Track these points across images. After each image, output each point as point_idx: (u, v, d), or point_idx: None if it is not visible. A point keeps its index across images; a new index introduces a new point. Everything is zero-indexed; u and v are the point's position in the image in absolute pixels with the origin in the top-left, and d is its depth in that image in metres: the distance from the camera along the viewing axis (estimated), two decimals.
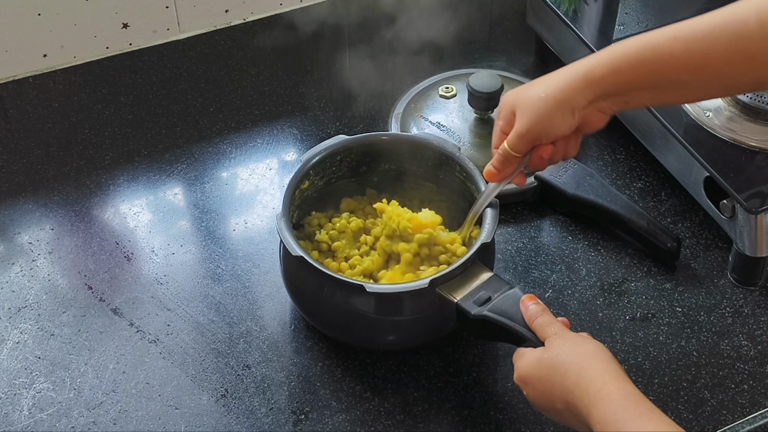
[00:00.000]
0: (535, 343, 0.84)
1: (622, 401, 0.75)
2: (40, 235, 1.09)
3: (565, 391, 0.78)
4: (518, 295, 0.87)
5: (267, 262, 1.05)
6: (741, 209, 0.99)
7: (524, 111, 0.89)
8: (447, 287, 0.90)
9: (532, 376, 0.82)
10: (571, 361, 0.79)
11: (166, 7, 1.29)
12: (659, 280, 1.04)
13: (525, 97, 0.89)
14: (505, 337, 0.87)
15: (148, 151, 1.18)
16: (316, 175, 1.00)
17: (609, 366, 0.78)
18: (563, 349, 0.81)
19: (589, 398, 0.76)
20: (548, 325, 0.84)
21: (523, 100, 0.89)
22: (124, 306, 1.02)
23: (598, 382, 0.76)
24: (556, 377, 0.79)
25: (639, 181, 1.14)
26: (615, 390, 0.76)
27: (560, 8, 1.20)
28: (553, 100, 0.87)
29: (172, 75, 1.28)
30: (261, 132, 1.21)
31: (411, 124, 1.16)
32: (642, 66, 0.84)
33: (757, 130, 1.06)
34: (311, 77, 1.28)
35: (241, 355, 0.97)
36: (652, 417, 0.73)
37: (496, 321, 0.87)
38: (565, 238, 1.09)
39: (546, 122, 0.88)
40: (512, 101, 0.90)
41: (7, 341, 0.99)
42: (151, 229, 1.10)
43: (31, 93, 1.25)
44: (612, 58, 0.85)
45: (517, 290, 0.88)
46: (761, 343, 0.99)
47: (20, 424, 0.92)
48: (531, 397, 0.83)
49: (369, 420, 0.92)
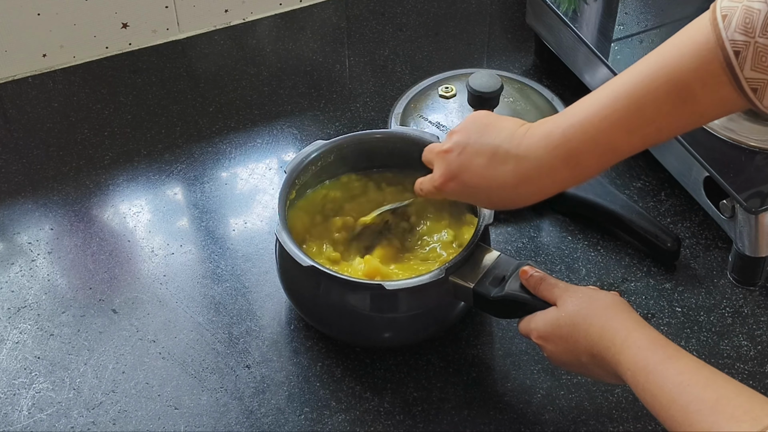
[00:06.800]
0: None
1: (649, 345, 0.77)
2: (39, 235, 1.09)
3: (590, 344, 0.81)
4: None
5: (266, 262, 1.05)
6: (741, 209, 0.99)
7: (461, 188, 0.88)
8: (459, 274, 0.91)
9: (553, 334, 0.84)
10: (593, 314, 0.82)
11: (165, 7, 1.29)
12: (659, 280, 1.04)
13: (469, 173, 0.87)
14: (525, 311, 0.88)
15: (147, 150, 1.18)
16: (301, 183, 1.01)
17: (630, 315, 0.81)
18: (581, 305, 0.83)
19: (616, 347, 0.78)
20: (554, 286, 0.86)
21: (466, 176, 0.87)
22: (123, 306, 1.02)
23: (623, 332, 0.79)
24: (579, 332, 0.82)
25: (638, 181, 1.14)
26: (640, 337, 0.78)
27: (560, 8, 1.20)
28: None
29: (172, 75, 1.28)
30: (261, 132, 1.21)
31: (411, 124, 1.16)
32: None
33: (757, 130, 1.05)
34: (311, 77, 1.28)
35: (241, 355, 0.97)
36: (680, 358, 0.75)
37: (517, 299, 0.88)
38: (564, 238, 1.09)
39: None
40: (456, 168, 0.87)
41: (7, 341, 0.99)
42: (151, 229, 1.10)
43: (30, 93, 1.25)
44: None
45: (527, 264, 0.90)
46: (761, 343, 0.99)
47: (20, 424, 0.92)
48: (554, 354, 0.85)
49: (368, 420, 0.92)
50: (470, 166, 0.85)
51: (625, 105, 0.77)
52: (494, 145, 0.84)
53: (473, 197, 0.90)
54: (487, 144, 0.84)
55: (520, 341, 0.98)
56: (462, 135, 0.87)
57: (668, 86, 0.76)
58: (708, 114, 0.78)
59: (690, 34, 0.76)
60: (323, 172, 1.03)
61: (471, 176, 0.85)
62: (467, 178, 0.86)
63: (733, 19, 0.73)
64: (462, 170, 0.86)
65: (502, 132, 0.84)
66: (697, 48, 0.75)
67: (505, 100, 1.15)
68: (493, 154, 0.84)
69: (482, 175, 0.84)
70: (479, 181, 0.85)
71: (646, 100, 0.77)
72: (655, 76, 0.76)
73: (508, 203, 0.87)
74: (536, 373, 0.96)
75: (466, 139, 0.86)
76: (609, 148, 0.80)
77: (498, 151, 0.83)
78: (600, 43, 1.16)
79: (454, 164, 0.86)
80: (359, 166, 1.04)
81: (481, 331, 1.00)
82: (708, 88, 0.75)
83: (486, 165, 0.84)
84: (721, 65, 0.73)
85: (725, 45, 0.73)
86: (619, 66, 1.12)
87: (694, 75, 0.75)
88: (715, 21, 0.74)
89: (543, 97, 1.20)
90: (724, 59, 0.73)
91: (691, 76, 0.75)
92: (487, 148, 0.84)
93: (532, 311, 0.87)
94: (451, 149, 0.87)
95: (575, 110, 0.81)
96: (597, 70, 1.15)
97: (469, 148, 0.85)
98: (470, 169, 0.85)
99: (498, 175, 0.83)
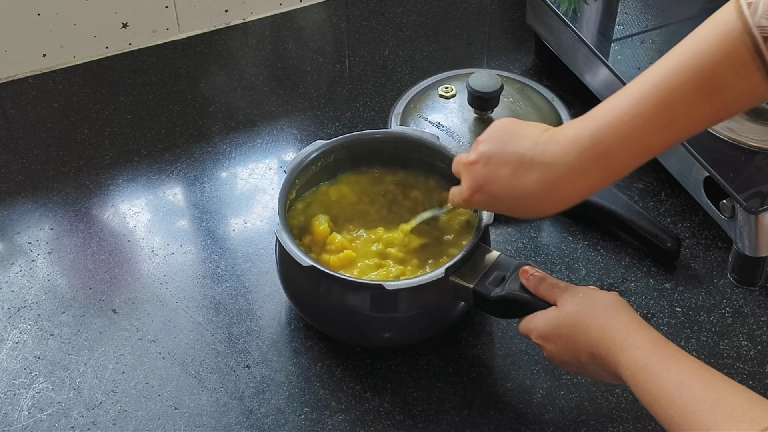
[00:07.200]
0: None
1: (649, 346, 0.77)
2: (39, 235, 1.09)
3: (590, 344, 0.81)
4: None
5: (266, 262, 1.05)
6: (741, 209, 0.99)
7: (488, 199, 0.88)
8: (459, 274, 0.91)
9: (553, 334, 0.84)
10: (593, 314, 0.82)
11: (165, 7, 1.29)
12: (659, 280, 1.04)
13: (496, 179, 0.86)
14: (526, 312, 0.88)
15: (147, 151, 1.18)
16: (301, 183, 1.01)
17: (630, 315, 0.81)
18: (581, 305, 0.83)
19: (616, 347, 0.78)
20: (554, 286, 0.86)
21: (493, 183, 0.87)
22: (123, 306, 1.02)
23: (623, 332, 0.79)
24: (579, 332, 0.82)
25: (639, 181, 1.14)
26: (640, 337, 0.78)
27: (560, 8, 1.20)
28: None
29: (172, 75, 1.28)
30: (261, 132, 1.21)
31: (411, 124, 1.16)
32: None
33: (757, 130, 1.05)
34: (311, 77, 1.28)
35: (241, 355, 0.97)
36: (680, 358, 0.75)
37: (517, 299, 0.88)
38: (564, 238, 1.09)
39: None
40: (482, 179, 0.86)
41: (7, 341, 0.98)
42: (151, 229, 1.10)
43: (30, 93, 1.25)
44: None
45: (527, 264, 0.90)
46: (761, 343, 0.99)
47: (20, 424, 0.92)
48: (553, 354, 0.85)
49: (368, 420, 0.92)
50: (495, 177, 0.85)
51: (655, 101, 0.77)
52: (519, 154, 0.83)
53: (501, 208, 0.89)
54: (511, 153, 0.83)
55: (520, 341, 0.98)
56: (487, 145, 0.86)
57: (697, 78, 0.75)
58: (738, 104, 0.77)
59: (714, 24, 0.75)
60: (323, 172, 1.03)
61: (497, 187, 0.85)
62: (493, 189, 0.85)
63: (759, 6, 0.73)
64: (488, 181, 0.85)
65: (526, 140, 0.83)
66: (724, 37, 0.74)
67: (505, 100, 1.15)
68: (518, 163, 0.83)
69: (508, 185, 0.84)
70: (505, 192, 0.84)
71: (677, 95, 0.76)
72: (683, 69, 0.76)
73: (538, 212, 0.86)
74: (536, 373, 0.96)
75: (491, 149, 0.85)
76: (642, 145, 0.79)
77: (523, 160, 0.83)
78: (600, 43, 1.16)
79: (480, 176, 0.86)
80: (359, 166, 1.04)
81: (481, 331, 1.00)
82: (738, 76, 0.74)
83: (511, 175, 0.83)
84: (749, 52, 0.73)
85: (753, 31, 0.73)
86: (619, 66, 1.12)
87: (722, 64, 0.74)
88: (740, 9, 0.73)
89: (543, 97, 1.20)
90: (753, 45, 0.73)
91: (719, 65, 0.74)
92: (512, 157, 0.83)
93: (532, 311, 0.87)
94: (477, 161, 0.86)
95: (602, 111, 0.80)
96: (597, 70, 1.15)
97: (494, 158, 0.85)
98: (496, 180, 0.85)
99: (524, 185, 0.83)
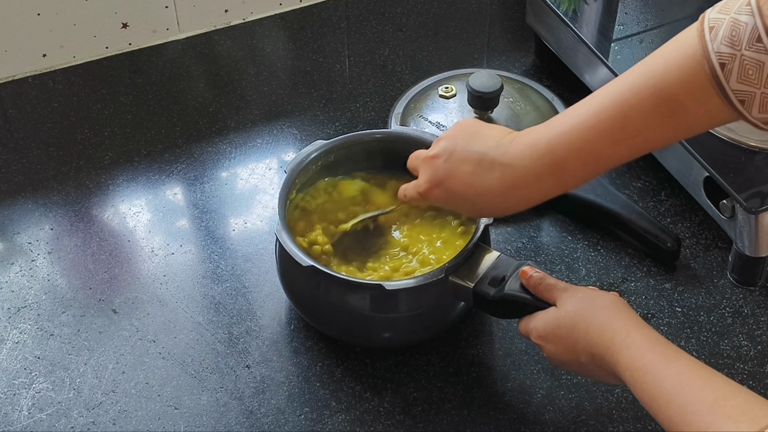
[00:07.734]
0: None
1: (648, 346, 0.77)
2: (39, 235, 1.09)
3: (589, 344, 0.81)
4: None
5: (266, 262, 1.05)
6: (741, 209, 0.99)
7: (446, 195, 0.88)
8: (459, 274, 0.91)
9: (553, 334, 0.84)
10: (592, 315, 0.82)
11: (165, 6, 1.29)
12: (659, 280, 1.04)
13: (454, 181, 0.87)
14: (525, 312, 0.89)
15: (147, 150, 1.18)
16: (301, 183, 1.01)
17: (630, 315, 0.81)
18: (581, 305, 0.83)
19: (615, 347, 0.78)
20: (554, 286, 0.86)
21: (451, 183, 0.87)
22: (123, 306, 1.02)
23: (622, 332, 0.79)
24: (578, 333, 0.82)
25: (638, 181, 1.14)
26: (639, 337, 0.78)
27: (560, 8, 1.20)
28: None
29: (172, 75, 1.28)
30: (261, 132, 1.21)
31: (411, 124, 1.16)
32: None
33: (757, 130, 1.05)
34: (311, 77, 1.28)
35: (241, 355, 0.97)
36: (679, 358, 0.75)
37: (517, 299, 0.88)
38: (564, 238, 1.09)
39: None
40: (443, 174, 0.87)
41: (7, 341, 0.99)
42: (151, 229, 1.10)
43: (30, 93, 1.25)
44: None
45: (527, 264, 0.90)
46: (761, 343, 0.99)
47: (19, 424, 0.92)
48: (553, 354, 0.85)
49: (368, 420, 0.92)
50: (456, 173, 0.85)
51: (611, 116, 0.77)
52: (481, 153, 0.84)
53: (458, 204, 0.89)
54: (473, 151, 0.84)
55: (520, 341, 0.98)
56: (449, 141, 0.87)
57: (655, 98, 0.75)
58: (697, 125, 0.77)
59: (677, 45, 0.75)
60: (323, 172, 1.03)
61: (457, 183, 0.86)
62: (453, 184, 0.86)
63: (720, 31, 0.72)
64: (448, 177, 0.86)
65: (489, 140, 0.84)
66: (683, 59, 0.74)
67: (505, 100, 1.15)
68: (479, 162, 0.84)
69: (468, 182, 0.85)
70: (465, 188, 0.85)
71: (632, 112, 0.76)
72: (641, 87, 0.76)
73: (493, 211, 0.88)
74: (536, 373, 0.96)
75: (453, 145, 0.86)
76: (594, 158, 0.79)
77: (485, 159, 0.83)
78: (600, 43, 1.16)
79: (441, 170, 0.87)
80: (359, 166, 1.04)
81: (481, 331, 1.00)
82: (696, 99, 0.74)
83: (472, 172, 0.84)
84: (707, 77, 0.73)
85: (711, 57, 0.72)
86: (619, 66, 1.12)
87: (680, 87, 0.74)
88: (702, 32, 0.73)
89: (543, 97, 1.20)
90: (710, 71, 0.73)
91: (677, 87, 0.75)
92: (473, 156, 0.84)
93: (532, 311, 0.87)
94: (437, 155, 0.87)
95: (562, 120, 0.81)
96: (597, 70, 1.15)
97: (455, 154, 0.85)
98: (456, 176, 0.85)
99: (484, 183, 0.84)
